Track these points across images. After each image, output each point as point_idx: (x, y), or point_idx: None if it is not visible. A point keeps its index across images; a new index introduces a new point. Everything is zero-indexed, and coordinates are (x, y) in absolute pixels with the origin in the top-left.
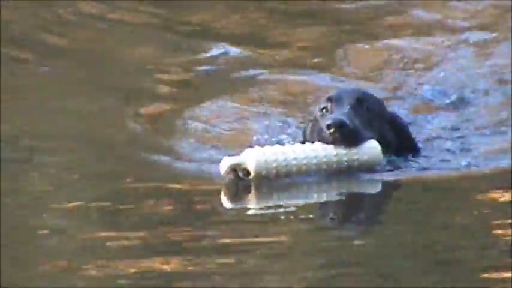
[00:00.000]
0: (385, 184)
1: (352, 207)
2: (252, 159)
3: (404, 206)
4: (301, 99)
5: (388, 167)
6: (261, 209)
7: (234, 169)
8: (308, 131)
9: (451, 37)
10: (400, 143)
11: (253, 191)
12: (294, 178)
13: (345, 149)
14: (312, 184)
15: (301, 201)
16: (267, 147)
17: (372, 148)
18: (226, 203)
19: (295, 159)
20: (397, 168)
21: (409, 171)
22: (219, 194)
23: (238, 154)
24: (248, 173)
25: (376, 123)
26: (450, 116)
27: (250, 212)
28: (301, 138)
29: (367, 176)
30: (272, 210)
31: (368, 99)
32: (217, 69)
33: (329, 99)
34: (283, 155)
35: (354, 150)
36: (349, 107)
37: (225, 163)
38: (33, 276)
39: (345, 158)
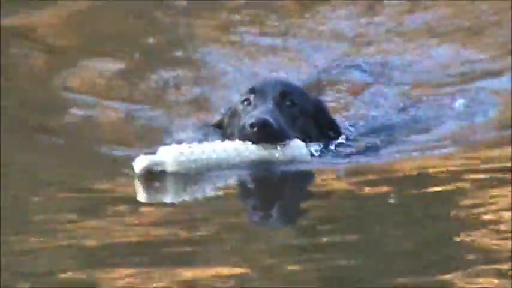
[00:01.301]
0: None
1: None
2: (170, 158)
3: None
4: None
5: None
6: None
7: (149, 168)
8: (226, 121)
9: None
10: (323, 127)
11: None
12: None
13: (268, 149)
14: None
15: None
16: (185, 145)
17: (296, 147)
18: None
19: (215, 158)
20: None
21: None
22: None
23: (154, 152)
24: (164, 173)
25: (300, 119)
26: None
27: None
28: (218, 121)
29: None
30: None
31: (292, 92)
32: None
33: (252, 91)
34: (203, 154)
35: (278, 150)
36: (272, 102)
37: (141, 162)
38: None
39: (268, 158)
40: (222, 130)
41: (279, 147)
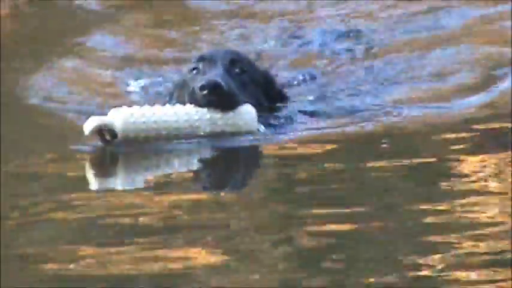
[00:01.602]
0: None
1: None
2: (120, 120)
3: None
4: None
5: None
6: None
7: (99, 130)
8: (175, 95)
9: None
10: (270, 95)
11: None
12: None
13: (219, 113)
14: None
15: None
16: (136, 107)
17: (247, 113)
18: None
19: (165, 121)
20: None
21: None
22: None
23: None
24: (115, 135)
25: (250, 86)
26: None
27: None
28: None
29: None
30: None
31: (241, 60)
32: None
33: (200, 59)
34: (153, 116)
35: (229, 114)
36: (222, 68)
37: (91, 123)
38: None
39: (220, 122)
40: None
41: (230, 114)
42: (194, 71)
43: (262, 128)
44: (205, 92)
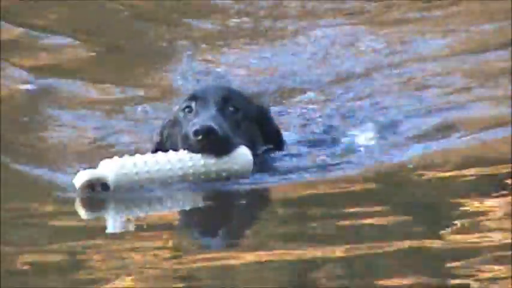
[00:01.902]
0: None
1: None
2: (111, 172)
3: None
4: None
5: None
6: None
7: (90, 184)
8: (166, 133)
9: None
10: (266, 135)
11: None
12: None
13: (213, 159)
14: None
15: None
16: (126, 157)
17: (242, 155)
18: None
19: (158, 170)
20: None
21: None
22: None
23: (94, 167)
24: (106, 187)
25: (244, 125)
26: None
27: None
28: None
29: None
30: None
31: (234, 97)
32: None
33: (193, 98)
34: (145, 166)
35: (223, 159)
36: (215, 108)
37: (81, 177)
38: None
39: (214, 168)
40: (164, 144)
41: (225, 159)
42: (186, 110)
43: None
44: (199, 137)
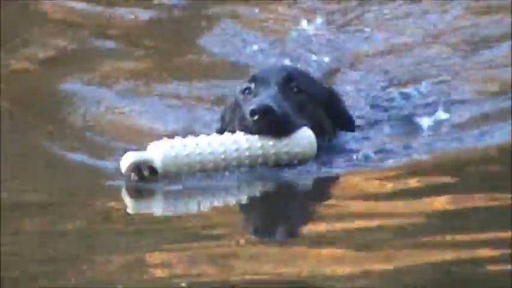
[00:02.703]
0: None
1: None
2: (159, 154)
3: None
4: None
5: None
6: None
7: (137, 166)
8: (227, 118)
9: None
10: (335, 119)
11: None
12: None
13: (272, 140)
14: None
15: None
16: (177, 139)
17: (304, 137)
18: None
19: (211, 153)
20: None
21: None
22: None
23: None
24: (154, 171)
25: (309, 106)
26: None
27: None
28: (219, 127)
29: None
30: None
31: (298, 78)
32: None
33: (253, 79)
34: (196, 148)
35: (283, 141)
36: (276, 88)
37: (127, 159)
38: None
39: (273, 151)
40: (226, 126)
41: (284, 141)
42: (246, 92)
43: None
44: (256, 117)
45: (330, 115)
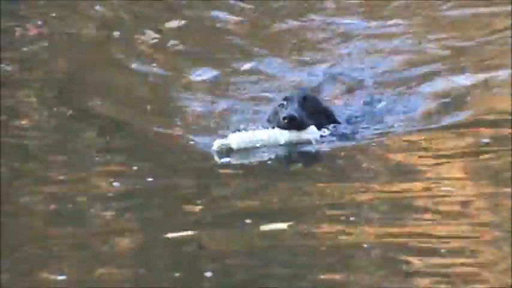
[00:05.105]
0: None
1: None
2: (234, 140)
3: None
4: None
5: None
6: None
7: (221, 146)
8: (271, 119)
9: None
10: (329, 122)
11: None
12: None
13: (294, 132)
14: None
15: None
16: (244, 132)
17: (311, 130)
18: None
19: (262, 139)
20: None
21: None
22: None
23: (225, 137)
24: (231, 149)
25: (315, 115)
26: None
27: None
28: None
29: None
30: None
31: (310, 99)
32: None
33: (285, 99)
34: (254, 136)
35: (300, 133)
36: (297, 104)
37: (216, 143)
38: None
39: (295, 138)
40: (270, 123)
41: (301, 132)
42: (281, 106)
43: (324, 132)
44: (286, 120)
45: (325, 117)
